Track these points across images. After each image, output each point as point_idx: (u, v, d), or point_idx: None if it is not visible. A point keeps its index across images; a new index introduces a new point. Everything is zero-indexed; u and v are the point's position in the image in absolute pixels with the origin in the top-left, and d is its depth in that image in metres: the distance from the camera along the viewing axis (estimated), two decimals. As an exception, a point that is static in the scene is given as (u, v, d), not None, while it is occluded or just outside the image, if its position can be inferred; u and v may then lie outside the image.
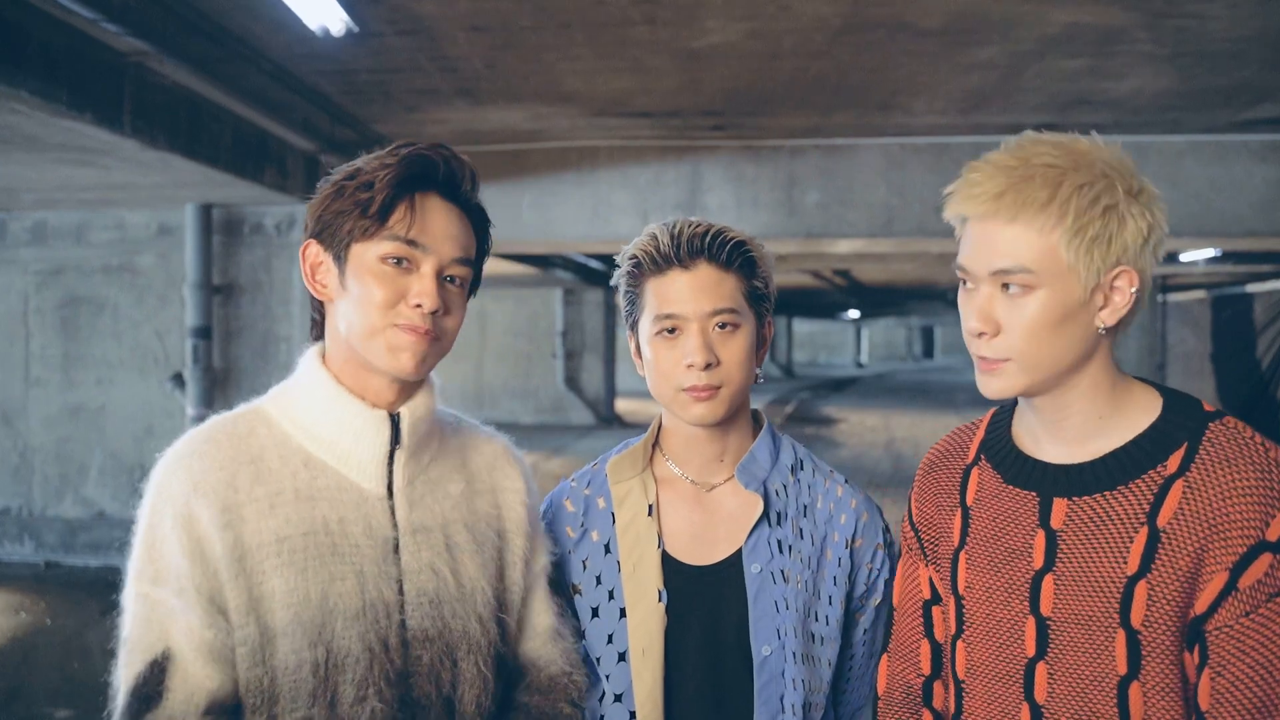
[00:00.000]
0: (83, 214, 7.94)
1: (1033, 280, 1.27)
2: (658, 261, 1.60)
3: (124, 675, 1.36)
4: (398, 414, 1.48)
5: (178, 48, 4.86)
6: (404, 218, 1.41)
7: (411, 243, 1.41)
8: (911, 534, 1.57)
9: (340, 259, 1.44)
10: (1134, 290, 1.29)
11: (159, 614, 1.35)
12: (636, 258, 1.63)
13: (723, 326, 1.58)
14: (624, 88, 6.30)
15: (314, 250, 1.46)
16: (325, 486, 1.44)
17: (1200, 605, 1.23)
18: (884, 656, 1.59)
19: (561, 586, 1.66)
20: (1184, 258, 11.92)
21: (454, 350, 1.55)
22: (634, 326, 1.67)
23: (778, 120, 7.21)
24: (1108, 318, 1.30)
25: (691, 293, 1.58)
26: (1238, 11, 4.80)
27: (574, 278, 15.03)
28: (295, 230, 7.54)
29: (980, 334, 1.31)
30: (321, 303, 1.50)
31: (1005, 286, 1.29)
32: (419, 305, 1.41)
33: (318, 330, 1.52)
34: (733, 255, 1.60)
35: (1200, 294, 17.18)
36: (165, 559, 1.36)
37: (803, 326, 46.54)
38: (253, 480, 1.41)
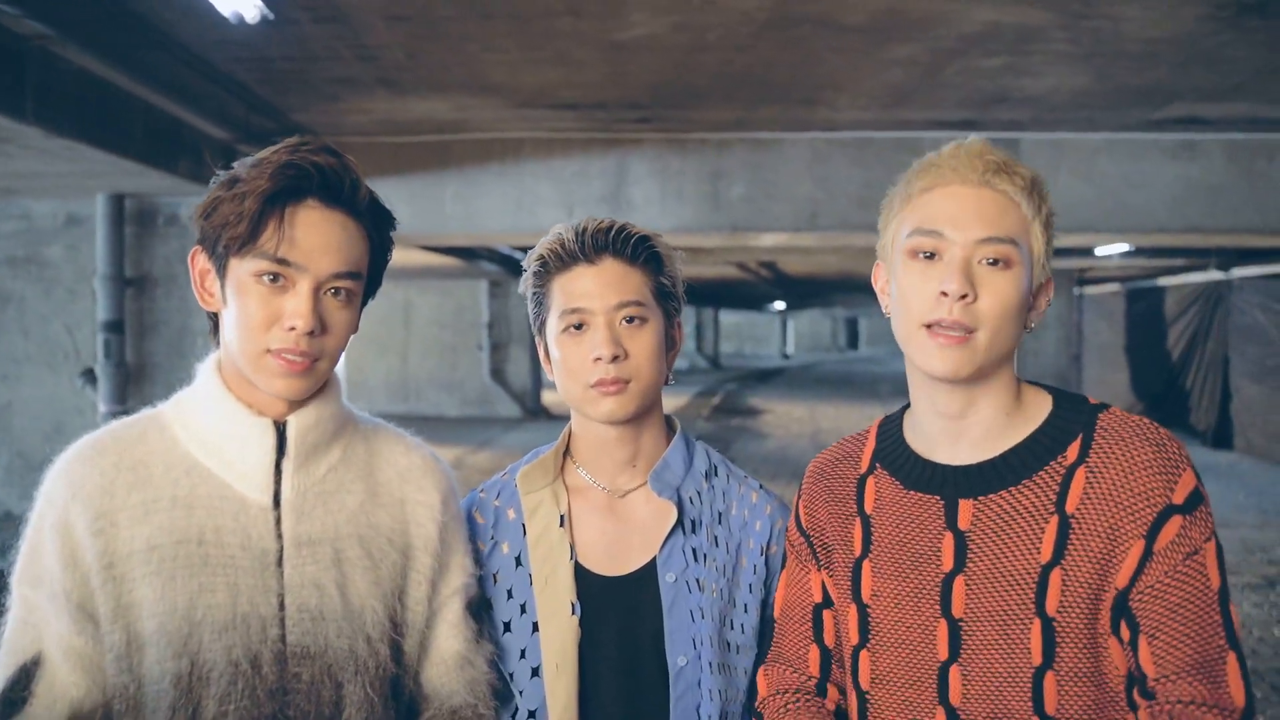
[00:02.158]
0: (-15, 203, 7.67)
1: (1014, 256, 1.31)
2: (563, 258, 1.60)
3: None
4: (285, 422, 1.43)
5: (82, 32, 4.69)
6: (273, 235, 1.34)
7: (283, 261, 1.35)
8: (800, 539, 1.55)
9: (221, 272, 1.39)
10: (1048, 301, 1.40)
11: (35, 618, 1.35)
12: (543, 257, 1.63)
13: (630, 320, 1.57)
14: (549, 79, 6.24)
15: (201, 259, 1.42)
16: (205, 495, 1.39)
17: (1122, 579, 1.26)
18: (760, 669, 1.56)
19: (483, 610, 1.60)
20: (1099, 252, 12.21)
21: (379, 343, 1.51)
22: (541, 328, 1.65)
23: (704, 114, 7.22)
24: (1033, 319, 1.38)
25: (597, 287, 1.57)
26: (1150, 14, 4.91)
27: (500, 269, 14.94)
28: (211, 221, 7.36)
29: (963, 296, 1.29)
30: (204, 308, 1.45)
31: (987, 260, 1.31)
32: (292, 328, 1.35)
33: (215, 335, 1.47)
34: (638, 250, 1.60)
35: (1115, 287, 17.63)
36: (43, 564, 1.36)
37: (729, 318, 46.86)
38: (130, 487, 1.37)
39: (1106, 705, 1.28)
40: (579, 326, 1.57)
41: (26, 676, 1.32)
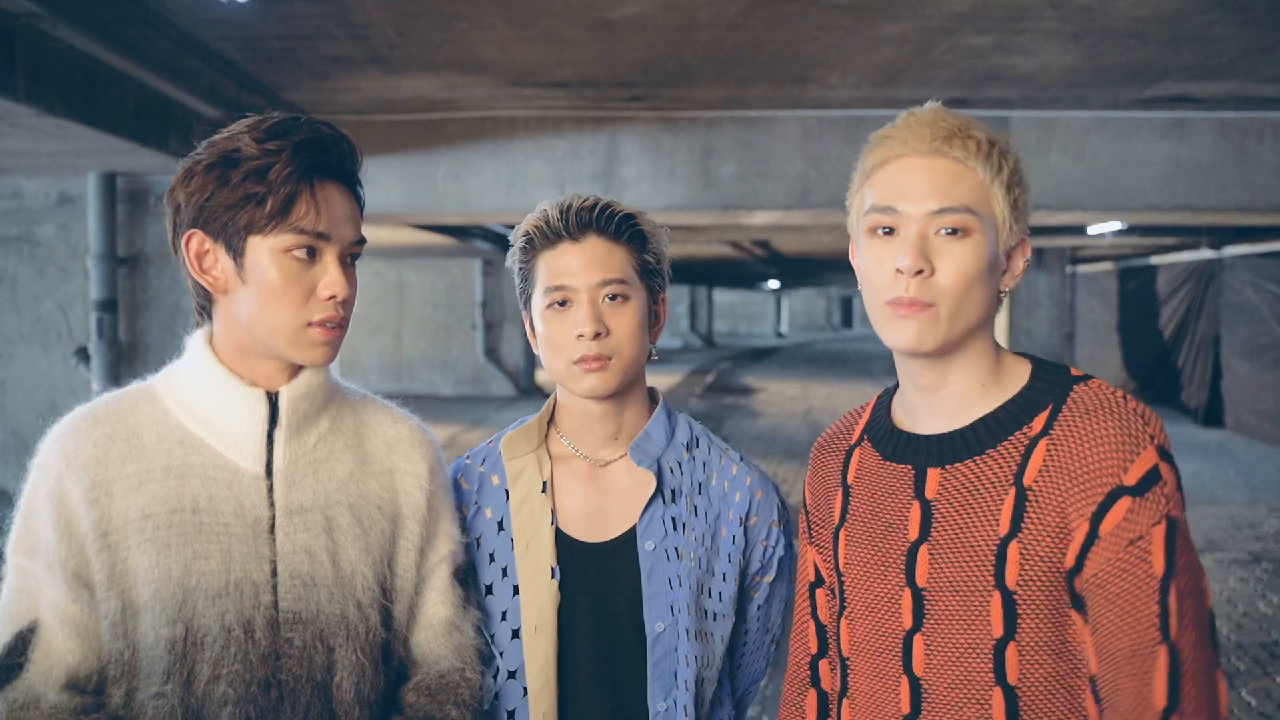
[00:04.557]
0: (-24, 183, 7.65)
1: (972, 224, 1.29)
2: (548, 235, 1.63)
3: None
4: (276, 393, 1.45)
5: (73, 9, 4.68)
6: (309, 210, 1.38)
7: (320, 235, 1.40)
8: (804, 517, 1.59)
9: (236, 251, 1.40)
10: (1026, 261, 1.37)
11: (30, 586, 1.38)
12: (528, 233, 1.66)
13: (613, 298, 1.60)
14: (540, 58, 6.23)
15: (198, 240, 1.41)
16: (199, 464, 1.42)
17: (1069, 559, 1.24)
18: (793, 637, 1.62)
19: (470, 577, 1.63)
20: (1091, 230, 12.23)
21: (372, 322, 1.56)
22: (527, 303, 1.68)
23: (695, 92, 7.21)
24: (1008, 282, 1.36)
25: (580, 264, 1.60)
26: (1139, -9, 4.92)
27: (493, 248, 14.91)
28: (203, 200, 7.33)
29: (918, 271, 1.28)
30: (204, 287, 1.45)
31: (944, 230, 1.29)
32: (332, 296, 1.41)
33: (203, 314, 1.48)
34: (621, 227, 1.63)
35: (1108, 266, 17.66)
36: (38, 533, 1.39)
37: (723, 296, 46.82)
38: (124, 457, 1.40)
39: (1068, 674, 1.27)
40: (563, 304, 1.60)
41: (23, 643, 1.35)
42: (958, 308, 1.30)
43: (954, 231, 1.29)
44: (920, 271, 1.28)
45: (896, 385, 1.50)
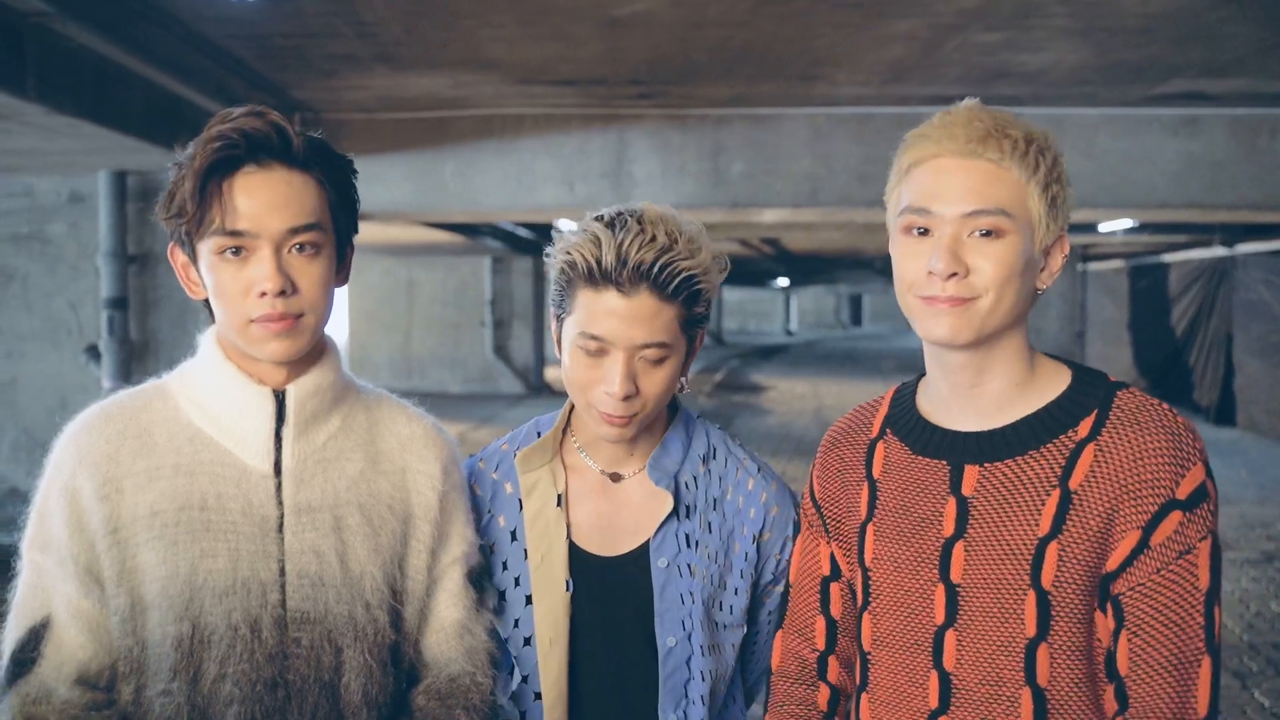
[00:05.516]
0: (-12, 181, 7.68)
1: (1006, 225, 1.29)
2: (595, 277, 1.48)
3: (7, 640, 1.40)
4: (284, 391, 1.45)
5: (82, 8, 4.69)
6: (218, 210, 1.36)
7: (234, 233, 1.36)
8: (813, 510, 1.57)
9: (194, 258, 1.43)
10: (1065, 257, 1.38)
11: (44, 581, 1.39)
12: (573, 263, 1.51)
13: (652, 360, 1.51)
14: (547, 55, 6.23)
15: (178, 252, 1.45)
16: (207, 462, 1.42)
17: (1112, 563, 1.27)
18: (779, 632, 1.60)
19: (484, 579, 1.61)
20: (1102, 228, 12.18)
21: (382, 320, 1.54)
22: (559, 318, 1.59)
23: (703, 89, 7.20)
24: (1045, 280, 1.36)
25: (624, 323, 1.47)
26: (1149, -13, 4.89)
27: (503, 246, 14.92)
28: (212, 198, 7.35)
29: (951, 274, 1.28)
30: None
31: (979, 232, 1.29)
32: (263, 293, 1.37)
33: (212, 316, 1.49)
34: (680, 289, 1.49)
35: (1118, 263, 17.58)
36: (51, 529, 1.40)
37: (732, 294, 46.74)
38: (134, 454, 1.41)
39: (1094, 677, 1.30)
40: (598, 352, 1.50)
41: (35, 638, 1.36)
42: (995, 302, 1.30)
43: (988, 233, 1.29)
44: (954, 274, 1.29)
45: (918, 378, 1.50)
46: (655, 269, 1.46)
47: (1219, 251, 13.94)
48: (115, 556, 1.37)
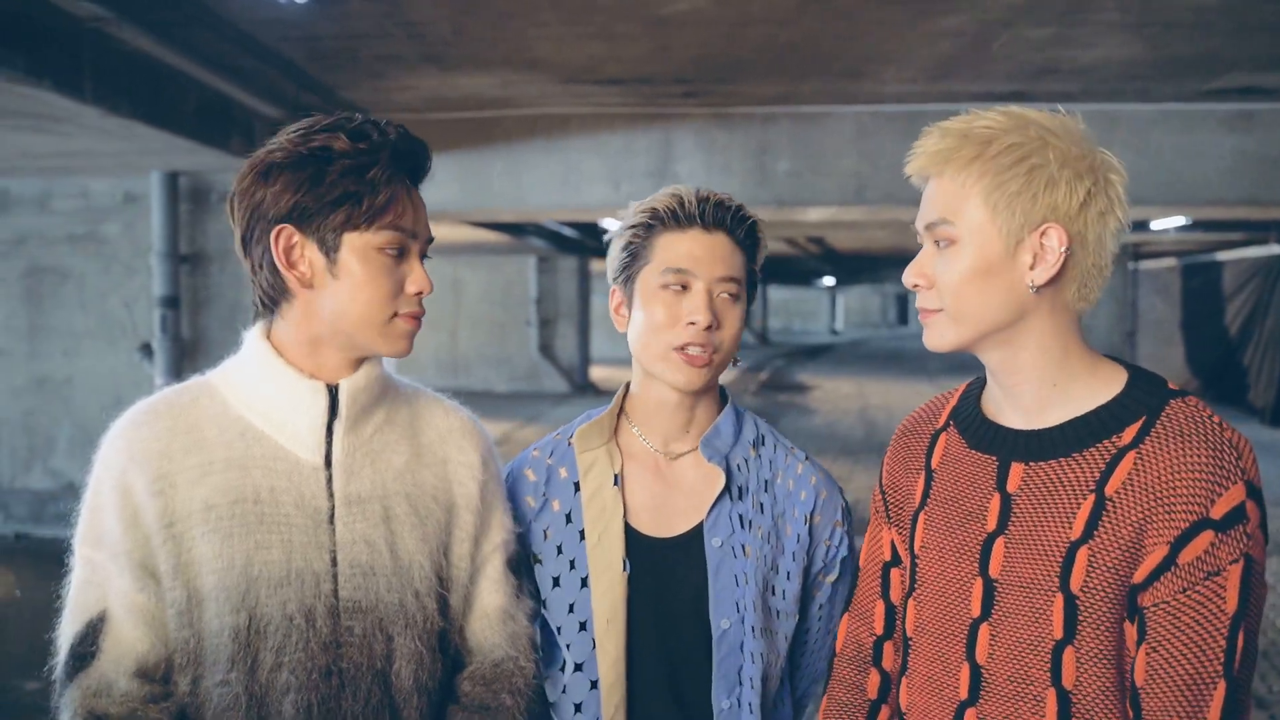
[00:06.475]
0: (45, 182, 7.83)
1: (953, 233, 1.32)
2: (679, 218, 1.62)
3: (64, 634, 1.41)
4: (336, 385, 1.48)
5: (136, 13, 4.78)
6: (405, 210, 1.44)
7: (413, 234, 1.46)
8: (880, 497, 1.60)
9: (330, 247, 1.42)
10: (1064, 249, 1.29)
11: (98, 577, 1.41)
12: (656, 210, 1.64)
13: (728, 296, 1.61)
14: (593, 54, 6.25)
15: (288, 234, 1.42)
16: (259, 456, 1.45)
17: (1139, 575, 1.25)
18: (845, 615, 1.63)
19: (523, 566, 1.64)
20: (1154, 225, 12.00)
21: (428, 319, 1.58)
22: (628, 280, 1.66)
23: (748, 88, 7.19)
24: (1039, 276, 1.30)
25: (708, 255, 1.60)
26: (1203, -20, 4.82)
27: (548, 245, 14.99)
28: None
29: (915, 285, 1.37)
30: (273, 283, 1.45)
31: (937, 242, 1.35)
32: (419, 293, 1.46)
33: (267, 308, 1.49)
34: (749, 235, 1.65)
35: (1171, 262, 17.30)
36: (104, 525, 1.42)
37: (778, 293, 46.61)
38: (186, 449, 1.43)
39: (1121, 685, 1.28)
40: (682, 287, 1.60)
41: (93, 632, 1.38)
42: (957, 311, 1.34)
43: (950, 244, 1.34)
44: (918, 285, 1.38)
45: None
46: (732, 211, 1.63)
47: (1275, 249, 13.68)
48: (171, 550, 1.40)
